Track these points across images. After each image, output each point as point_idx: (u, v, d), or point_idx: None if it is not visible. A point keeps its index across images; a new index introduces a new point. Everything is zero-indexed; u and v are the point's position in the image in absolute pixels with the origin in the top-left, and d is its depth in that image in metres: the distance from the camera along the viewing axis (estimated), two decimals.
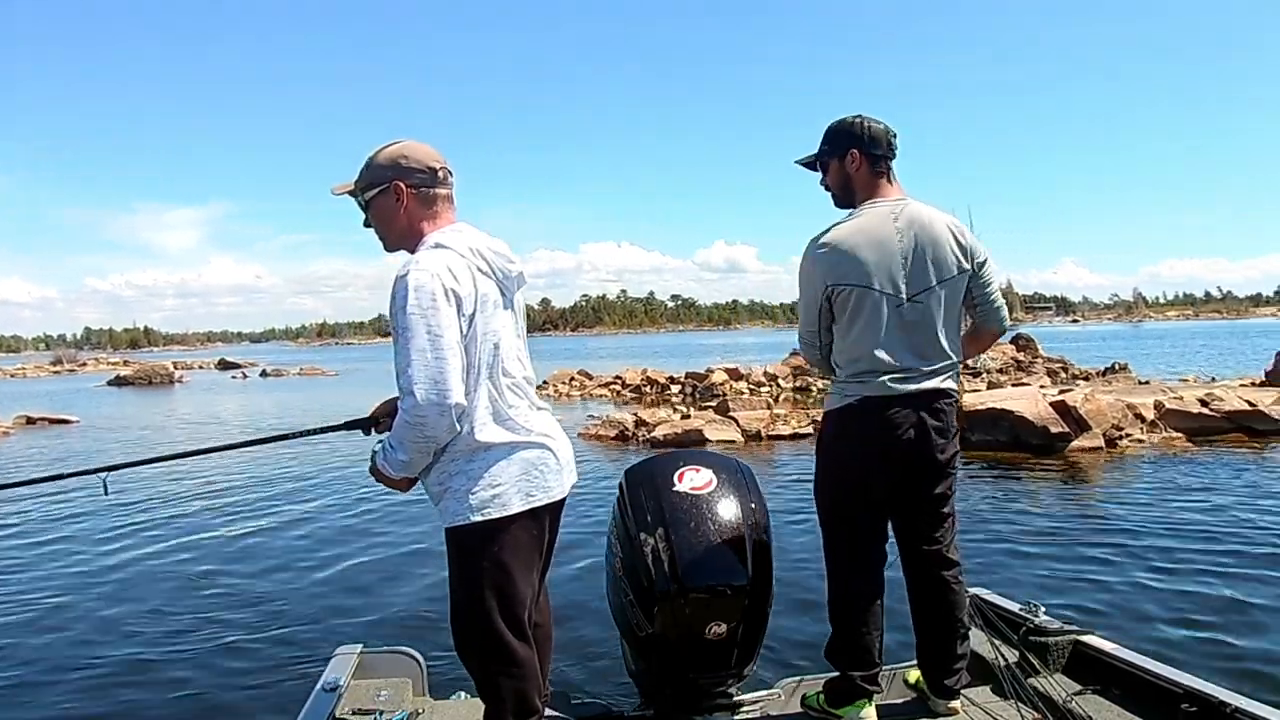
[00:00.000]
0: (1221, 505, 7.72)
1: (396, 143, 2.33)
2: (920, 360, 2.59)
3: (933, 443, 2.60)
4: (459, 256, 2.17)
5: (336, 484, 10.73)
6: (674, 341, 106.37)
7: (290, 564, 6.95)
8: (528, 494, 2.22)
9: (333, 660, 3.15)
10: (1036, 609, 2.99)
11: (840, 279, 2.57)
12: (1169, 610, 5.00)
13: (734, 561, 2.52)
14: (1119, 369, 21.01)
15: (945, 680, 2.72)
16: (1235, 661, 4.20)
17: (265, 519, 8.87)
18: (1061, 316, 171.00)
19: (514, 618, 2.24)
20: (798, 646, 4.17)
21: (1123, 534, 6.87)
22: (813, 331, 2.72)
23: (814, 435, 13.28)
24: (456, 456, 2.19)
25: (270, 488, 10.78)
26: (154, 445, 15.93)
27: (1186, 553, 6.20)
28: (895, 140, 2.69)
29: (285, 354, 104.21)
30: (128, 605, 5.94)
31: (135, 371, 42.64)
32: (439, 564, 6.36)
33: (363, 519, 8.54)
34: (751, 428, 13.76)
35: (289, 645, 4.96)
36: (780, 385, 22.40)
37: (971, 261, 2.66)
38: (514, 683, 2.26)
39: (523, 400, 2.29)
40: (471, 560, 2.22)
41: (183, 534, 8.28)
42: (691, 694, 2.67)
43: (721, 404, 15.95)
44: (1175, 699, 2.42)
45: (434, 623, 4.88)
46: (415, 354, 2.05)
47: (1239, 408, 12.68)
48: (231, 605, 5.85)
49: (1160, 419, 12.73)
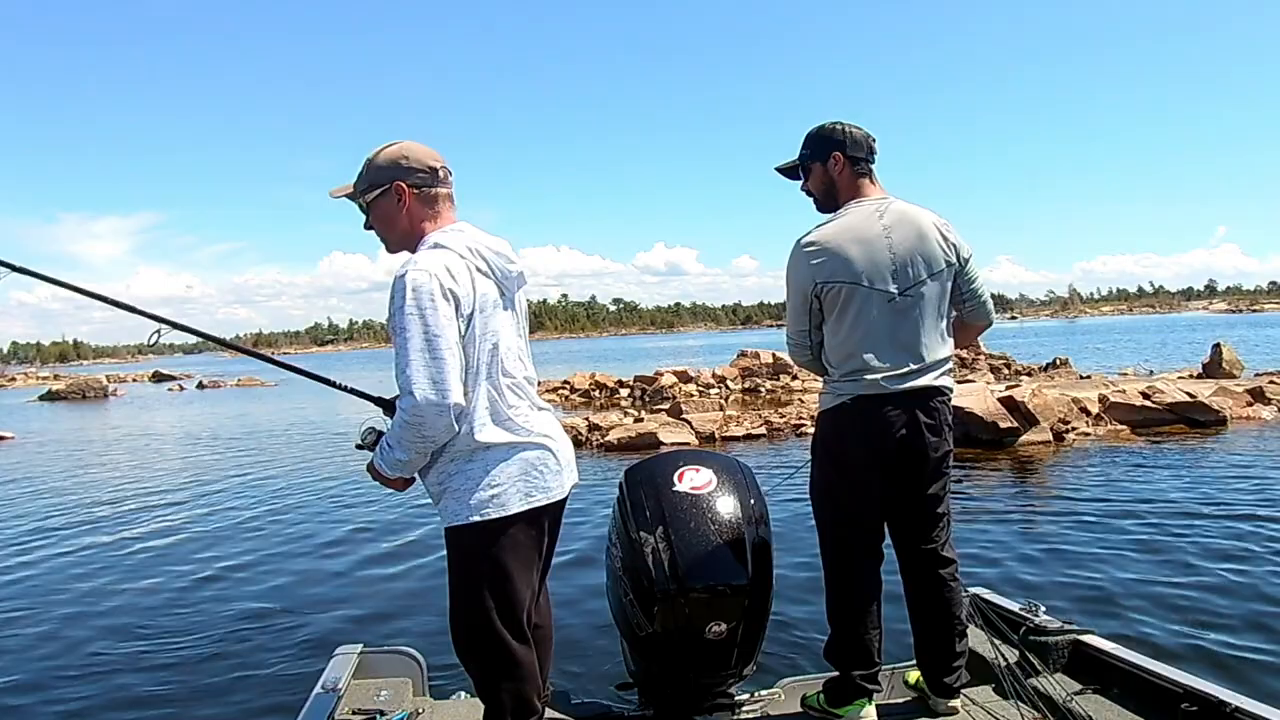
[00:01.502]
0: (1163, 490, 8.24)
1: (395, 144, 2.31)
2: (913, 357, 2.59)
3: (927, 440, 2.60)
4: (458, 257, 2.15)
5: (336, 484, 10.83)
6: (618, 345, 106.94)
7: (290, 564, 7.00)
8: (527, 494, 2.21)
9: (333, 660, 3.14)
10: (1036, 609, 3.00)
11: (829, 277, 2.56)
12: (1122, 588, 5.29)
13: (734, 561, 2.50)
14: (1060, 364, 21.45)
15: (945, 679, 2.72)
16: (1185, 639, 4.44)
17: (264, 519, 8.97)
18: (1000, 314, 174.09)
19: (513, 619, 2.23)
20: (798, 646, 4.20)
21: (1080, 520, 7.16)
22: (803, 331, 2.70)
23: (767, 436, 13.55)
24: (456, 456, 2.17)
25: (270, 488, 10.86)
26: (99, 458, 15.67)
27: (1141, 536, 6.53)
28: (875, 144, 2.71)
29: (221, 365, 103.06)
30: (127, 605, 6.02)
31: (68, 386, 41.40)
32: (439, 563, 6.37)
33: (362, 519, 8.60)
34: (705, 430, 13.78)
35: (289, 645, 5.02)
36: (729, 387, 22.55)
37: (958, 257, 2.67)
38: (513, 684, 2.25)
39: (523, 400, 2.28)
40: (470, 561, 2.21)
41: (183, 534, 8.39)
42: (691, 694, 2.65)
43: (674, 406, 15.97)
44: (1175, 698, 2.43)
45: (434, 623, 4.94)
46: (414, 354, 2.03)
47: (1180, 400, 13.01)
48: (231, 605, 5.90)
49: (1105, 412, 13.03)
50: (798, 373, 23.80)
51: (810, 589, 4.73)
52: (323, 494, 10.31)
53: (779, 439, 13.48)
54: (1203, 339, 34.82)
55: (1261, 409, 13.50)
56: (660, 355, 52.87)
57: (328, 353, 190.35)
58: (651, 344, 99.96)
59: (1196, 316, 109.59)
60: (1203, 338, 36.77)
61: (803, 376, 23.19)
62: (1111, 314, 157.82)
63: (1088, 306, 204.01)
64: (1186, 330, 53.72)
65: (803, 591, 4.92)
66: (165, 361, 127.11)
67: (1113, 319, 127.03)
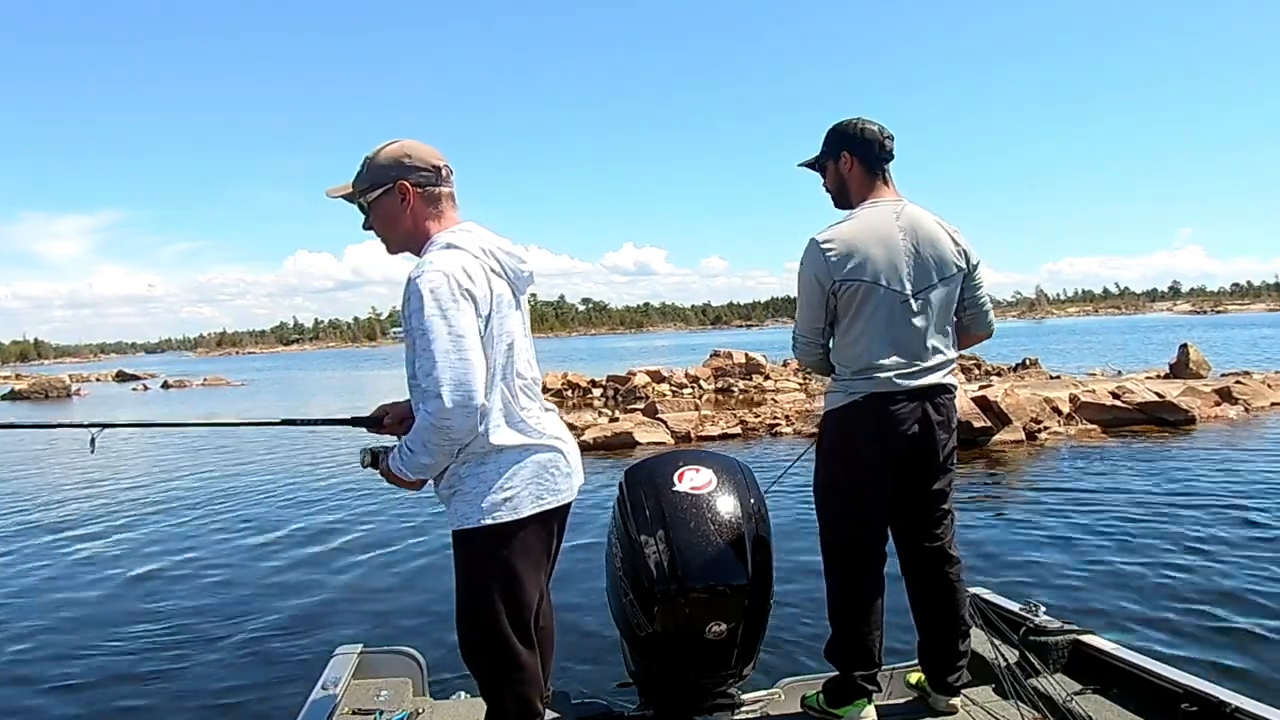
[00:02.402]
0: (1136, 487, 8.46)
1: (396, 142, 2.26)
2: (923, 356, 2.61)
3: (936, 437, 2.62)
4: (473, 257, 2.12)
5: (336, 484, 10.79)
6: (588, 345, 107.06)
7: (290, 564, 6.99)
8: (539, 497, 2.19)
9: (333, 660, 3.13)
10: (1036, 609, 3.00)
11: (847, 275, 2.56)
12: (1098, 580, 5.51)
13: (734, 561, 2.49)
14: (1030, 364, 21.69)
15: (947, 678, 2.73)
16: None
17: (264, 520, 8.91)
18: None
19: (520, 622, 2.21)
20: (798, 646, 4.20)
21: (1066, 516, 7.29)
22: (817, 330, 2.69)
23: (742, 435, 13.56)
24: (468, 459, 2.14)
25: (269, 489, 10.80)
26: (75, 458, 15.31)
27: (1117, 530, 6.75)
28: (890, 142, 2.70)
29: (185, 364, 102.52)
30: (128, 606, 6.02)
31: (31, 385, 40.52)
32: (439, 564, 6.24)
33: (362, 519, 8.57)
34: (681, 429, 13.79)
35: (289, 645, 5.03)
36: (702, 386, 22.58)
37: (967, 262, 2.69)
38: (517, 687, 2.23)
39: (534, 402, 2.26)
40: (480, 563, 2.18)
41: (183, 534, 8.37)
42: (691, 694, 2.64)
43: (649, 406, 15.97)
44: (1175, 698, 2.44)
45: (434, 623, 4.96)
46: (439, 355, 1.98)
47: (1149, 399, 13.19)
48: (231, 605, 5.91)
49: (1076, 412, 13.18)
50: (770, 372, 23.90)
51: (810, 589, 4.73)
52: (322, 494, 10.26)
53: (754, 438, 13.51)
54: (1168, 340, 35.44)
55: (1229, 408, 13.72)
56: (630, 355, 52.96)
57: (294, 352, 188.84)
58: (621, 344, 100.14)
59: (1161, 318, 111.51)
60: (1168, 338, 37.46)
61: (775, 377, 23.27)
62: (1078, 315, 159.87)
63: (1055, 307, 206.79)
64: (1151, 331, 54.61)
65: (803, 591, 4.93)
66: (127, 362, 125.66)
67: (1079, 320, 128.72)
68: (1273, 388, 15.44)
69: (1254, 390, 14.87)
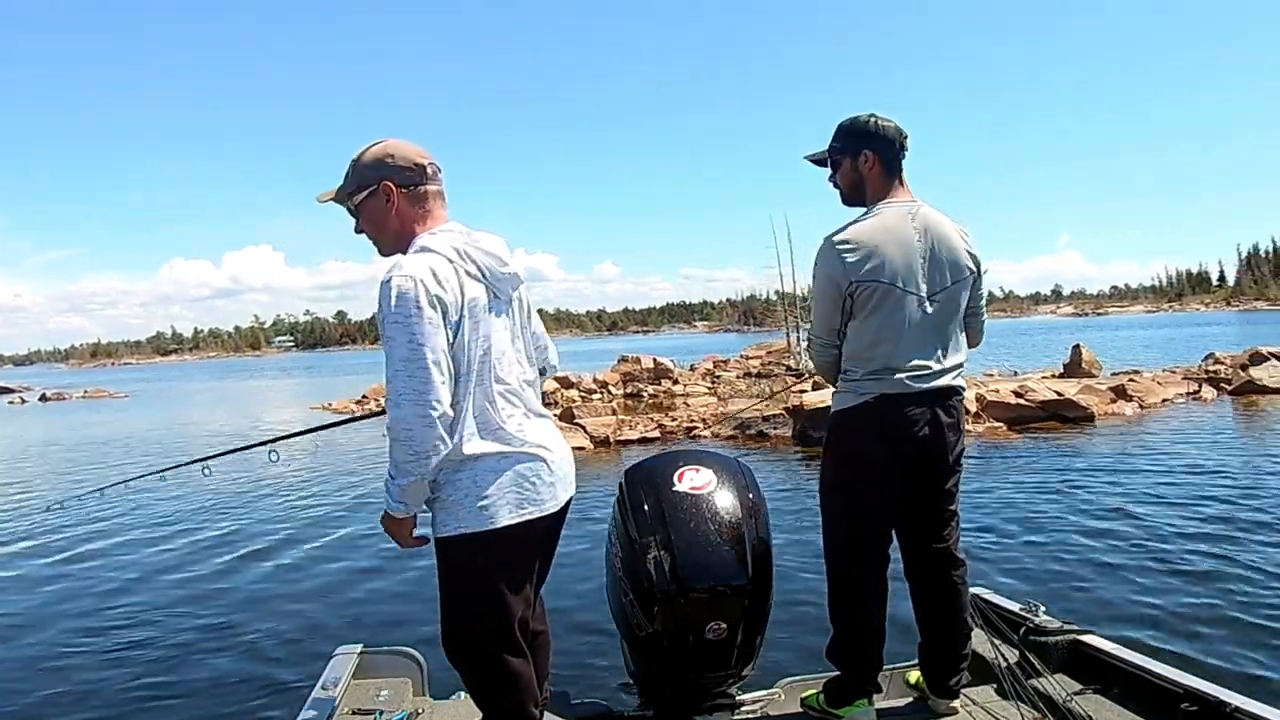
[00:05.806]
0: (1046, 482, 8.93)
1: (379, 142, 2.24)
2: (936, 358, 2.59)
3: (946, 439, 2.60)
4: (445, 260, 2.08)
5: (336, 485, 10.90)
6: None
7: (290, 565, 7.05)
8: (518, 506, 2.14)
9: (333, 660, 3.13)
10: (1036, 609, 3.00)
11: (864, 276, 2.52)
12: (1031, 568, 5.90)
13: (734, 561, 2.48)
14: None
15: (949, 680, 2.72)
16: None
17: (264, 521, 8.99)
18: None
19: (505, 630, 2.19)
20: (798, 646, 4.17)
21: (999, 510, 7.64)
22: (834, 330, 2.65)
23: (660, 439, 13.54)
24: (444, 467, 2.10)
25: (269, 490, 10.88)
26: (38, 465, 15.48)
27: (1037, 519, 7.22)
28: (907, 140, 2.67)
29: (58, 376, 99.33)
30: (129, 607, 6.08)
31: None
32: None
33: (362, 520, 8.61)
34: (600, 433, 13.79)
35: (289, 645, 5.07)
36: (611, 392, 22.51)
37: (977, 266, 2.67)
38: (509, 694, 2.22)
39: (518, 408, 2.21)
40: (459, 573, 2.17)
41: (182, 534, 8.46)
42: (691, 694, 2.64)
43: (566, 411, 15.85)
44: (1175, 698, 2.43)
45: (434, 623, 4.90)
46: (399, 364, 1.98)
47: (1050, 398, 13.74)
48: (232, 606, 5.97)
49: (982, 410, 13.56)
50: (679, 377, 24.03)
51: (810, 589, 4.75)
52: (322, 494, 10.34)
53: (672, 441, 13.54)
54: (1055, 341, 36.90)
55: (1124, 405, 14.33)
56: None
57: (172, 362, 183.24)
58: None
59: (1046, 320, 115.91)
60: (1055, 340, 39.00)
61: (684, 381, 23.39)
62: None
63: None
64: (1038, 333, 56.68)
65: (803, 591, 4.94)
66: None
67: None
68: (1163, 385, 16.22)
69: (1146, 388, 15.60)
